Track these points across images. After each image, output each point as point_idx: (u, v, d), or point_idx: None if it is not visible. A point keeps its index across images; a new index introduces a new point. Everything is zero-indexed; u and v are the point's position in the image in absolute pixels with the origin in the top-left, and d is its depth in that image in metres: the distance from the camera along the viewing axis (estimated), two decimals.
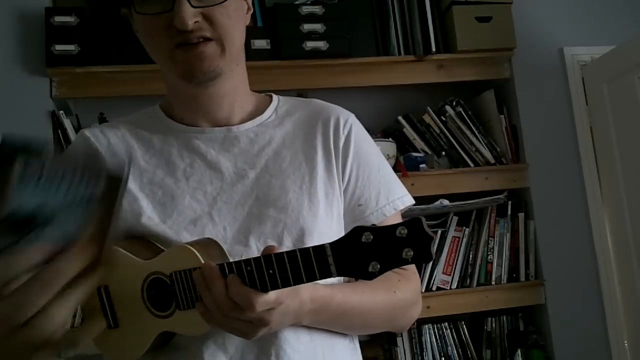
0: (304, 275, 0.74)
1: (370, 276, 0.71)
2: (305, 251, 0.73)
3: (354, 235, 0.71)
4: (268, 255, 0.75)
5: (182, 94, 0.98)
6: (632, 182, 2.36)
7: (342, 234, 0.81)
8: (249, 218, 0.90)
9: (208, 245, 0.84)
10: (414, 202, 1.03)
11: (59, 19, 2.14)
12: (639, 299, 2.35)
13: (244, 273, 0.75)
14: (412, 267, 1.02)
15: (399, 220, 1.00)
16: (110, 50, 2.18)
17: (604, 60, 2.47)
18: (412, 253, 0.69)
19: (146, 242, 0.89)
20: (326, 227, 0.94)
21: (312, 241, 0.84)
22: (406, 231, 0.70)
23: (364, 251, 0.71)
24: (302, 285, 0.82)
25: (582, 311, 2.41)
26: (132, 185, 0.93)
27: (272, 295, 0.76)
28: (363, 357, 1.03)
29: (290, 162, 0.96)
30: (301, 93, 2.44)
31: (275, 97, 1.06)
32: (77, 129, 2.21)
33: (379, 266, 0.71)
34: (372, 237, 0.71)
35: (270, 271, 0.74)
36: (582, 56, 2.56)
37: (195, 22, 0.87)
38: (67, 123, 2.16)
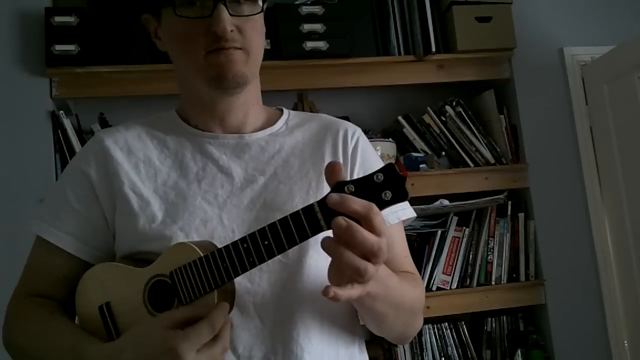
0: (297, 235, 0.78)
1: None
2: (295, 214, 0.78)
3: (338, 189, 0.76)
4: (261, 228, 0.79)
5: (200, 100, 1.00)
6: (632, 182, 2.36)
7: None
8: (256, 221, 0.93)
9: (205, 245, 0.86)
10: (415, 215, 1.04)
11: (59, 19, 2.14)
12: (639, 299, 2.35)
13: (241, 250, 0.79)
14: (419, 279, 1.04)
15: (401, 229, 1.03)
16: (110, 50, 2.17)
17: (604, 60, 2.47)
18: (390, 194, 0.75)
19: (144, 259, 0.91)
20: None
21: (317, 244, 0.84)
22: (382, 176, 0.76)
23: None
24: None
25: (582, 311, 2.41)
26: (146, 185, 0.96)
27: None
28: None
29: (298, 169, 0.99)
30: (301, 93, 2.45)
31: (285, 110, 1.10)
32: (77, 129, 2.21)
33: None
34: (354, 188, 0.76)
35: (266, 242, 0.78)
36: (582, 56, 2.56)
37: (231, 30, 0.91)
38: (67, 123, 2.16)
